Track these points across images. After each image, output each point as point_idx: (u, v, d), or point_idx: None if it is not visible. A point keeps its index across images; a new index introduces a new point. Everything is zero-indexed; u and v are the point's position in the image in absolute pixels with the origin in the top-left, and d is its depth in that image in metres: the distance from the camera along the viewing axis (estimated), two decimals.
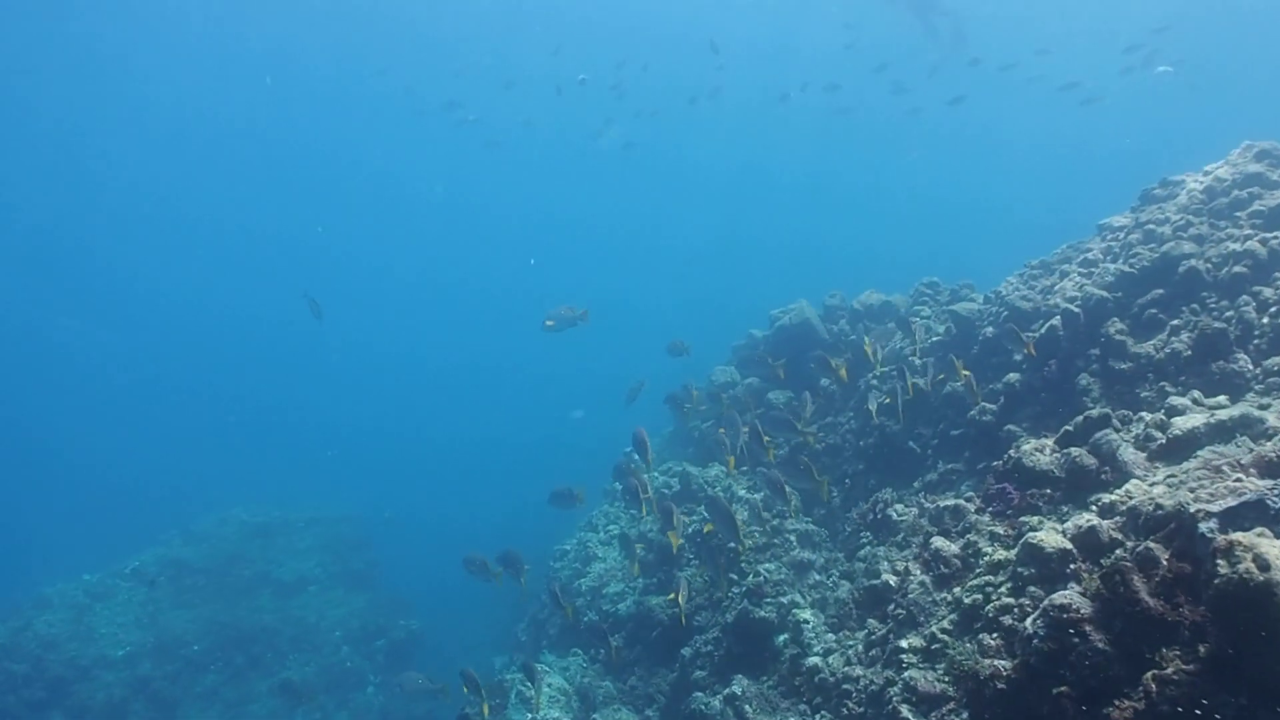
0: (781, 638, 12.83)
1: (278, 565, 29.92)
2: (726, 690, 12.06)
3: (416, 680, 16.08)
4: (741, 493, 15.39)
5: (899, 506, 13.14)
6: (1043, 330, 12.96)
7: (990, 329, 14.56)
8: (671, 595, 14.58)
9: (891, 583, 10.55)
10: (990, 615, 8.44)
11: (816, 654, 11.40)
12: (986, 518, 9.98)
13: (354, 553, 31.97)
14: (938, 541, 9.90)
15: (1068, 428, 10.04)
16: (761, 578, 13.45)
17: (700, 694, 13.02)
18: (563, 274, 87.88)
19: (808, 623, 12.12)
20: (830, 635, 11.69)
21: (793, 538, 14.42)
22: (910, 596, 9.68)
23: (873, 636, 10.30)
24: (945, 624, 9.03)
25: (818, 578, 13.84)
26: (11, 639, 24.40)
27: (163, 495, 43.92)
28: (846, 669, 10.44)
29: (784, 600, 13.20)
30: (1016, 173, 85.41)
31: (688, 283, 78.15)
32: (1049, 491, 9.52)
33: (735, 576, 14.05)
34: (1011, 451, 10.19)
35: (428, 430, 61.53)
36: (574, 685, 15.38)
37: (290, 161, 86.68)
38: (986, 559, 9.14)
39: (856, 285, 19.87)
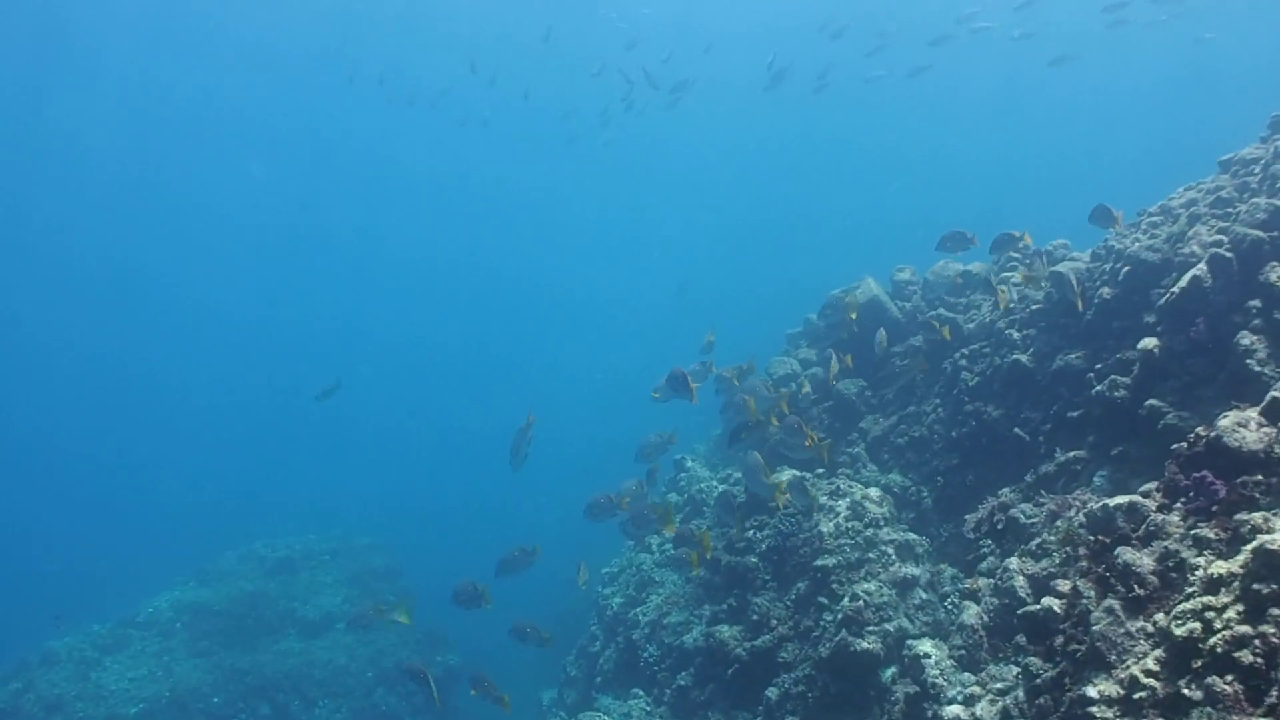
0: (889, 672, 10.64)
1: (302, 603, 27.74)
2: None
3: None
4: (823, 500, 13.08)
5: (1026, 507, 10.82)
6: (1184, 284, 10.65)
7: (1107, 289, 12.25)
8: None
9: (1056, 608, 8.19)
10: (1218, 650, 6.20)
11: (955, 701, 9.02)
12: (1177, 517, 7.69)
13: (383, 584, 29.78)
14: (1126, 553, 7.55)
15: (1276, 394, 7.74)
16: (861, 601, 11.22)
17: None
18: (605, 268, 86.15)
19: (929, 657, 9.84)
20: (967, 675, 9.36)
21: (890, 550, 12.14)
22: (1097, 628, 7.34)
23: (1037, 680, 7.95)
24: (1150, 663, 6.76)
25: (924, 596, 11.59)
26: (11, 702, 22.33)
27: (176, 532, 42.21)
28: None
29: (890, 628, 10.99)
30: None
31: (737, 270, 76.13)
32: (1263, 479, 7.26)
33: (826, 600, 11.83)
34: (1202, 430, 7.91)
35: (453, 440, 59.95)
36: None
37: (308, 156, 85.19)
38: (1199, 573, 6.87)
39: (916, 260, 17.81)
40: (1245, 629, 6.15)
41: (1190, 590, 6.87)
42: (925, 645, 9.97)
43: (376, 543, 31.59)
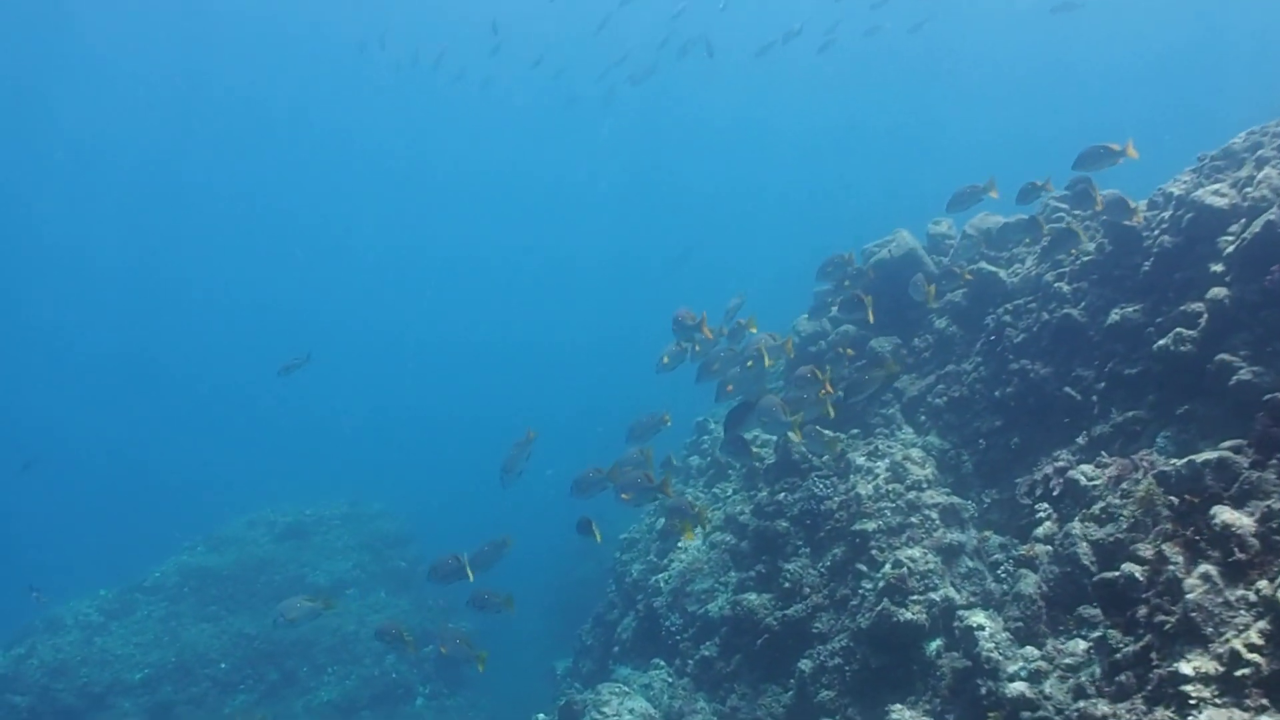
0: (933, 645, 9.91)
1: (312, 569, 27.17)
2: None
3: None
4: (860, 461, 12.30)
5: (1086, 469, 10.01)
6: (1256, 230, 9.84)
7: (1167, 238, 11.43)
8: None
9: (1138, 575, 7.40)
10: None
11: (1018, 678, 8.20)
12: (1273, 475, 6.92)
13: (395, 550, 29.19)
14: (1224, 514, 6.75)
15: None
16: (904, 568, 10.46)
17: None
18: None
19: (982, 629, 9.04)
20: (1029, 649, 8.56)
21: (934, 514, 11.36)
22: (1191, 596, 6.57)
23: (1117, 655, 7.19)
24: (1253, 636, 6.01)
25: (970, 565, 10.83)
26: (13, 668, 21.76)
27: (186, 500, 41.63)
28: (1083, 705, 7.33)
29: (935, 597, 10.24)
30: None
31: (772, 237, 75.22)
32: None
33: (864, 567, 11.08)
34: None
35: (460, 412, 59.50)
36: (660, 708, 12.43)
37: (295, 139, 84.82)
38: None
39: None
40: None
41: None
42: (978, 616, 9.19)
43: (388, 509, 30.97)
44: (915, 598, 10.25)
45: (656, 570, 15.43)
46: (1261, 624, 6.07)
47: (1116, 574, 7.64)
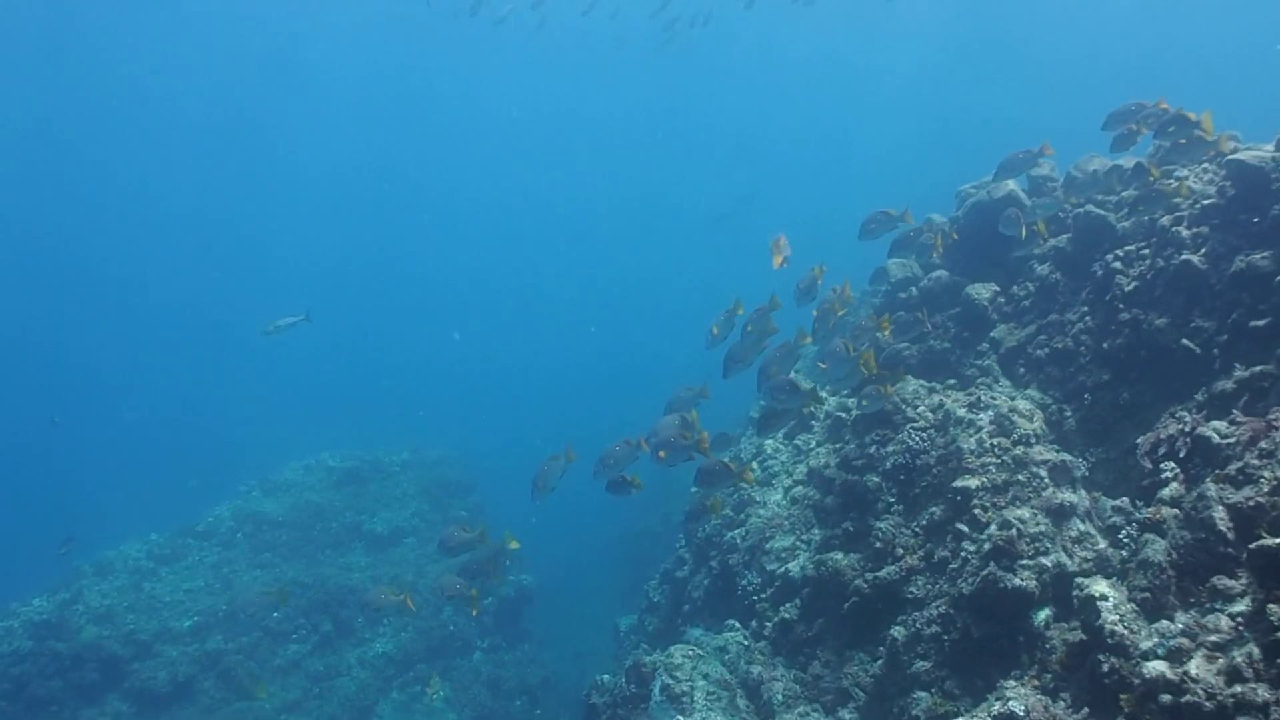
0: (1042, 614, 9.08)
1: (370, 516, 26.73)
2: (997, 708, 8.21)
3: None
4: (961, 413, 11.38)
5: (1219, 426, 9.07)
6: None
7: None
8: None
9: None
10: None
11: (1155, 656, 7.28)
12: None
13: (455, 498, 28.77)
14: None
15: None
16: (1014, 529, 9.58)
17: (925, 694, 9.33)
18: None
19: (1105, 599, 8.10)
20: (1164, 623, 7.63)
21: (1043, 472, 10.44)
22: None
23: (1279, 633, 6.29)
24: None
25: (1081, 528, 9.92)
26: (58, 614, 21.31)
27: (244, 444, 41.37)
28: (1240, 690, 6.43)
29: (1046, 562, 9.37)
30: None
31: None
32: None
33: (966, 528, 10.21)
34: None
35: (523, 360, 59.32)
36: (737, 674, 11.62)
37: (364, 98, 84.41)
38: None
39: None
40: None
41: None
42: (1100, 585, 8.25)
43: (449, 455, 30.43)
44: (1025, 562, 9.37)
45: (732, 525, 14.59)
46: None
47: (1275, 542, 6.72)
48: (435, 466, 29.48)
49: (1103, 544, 9.64)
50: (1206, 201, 11.62)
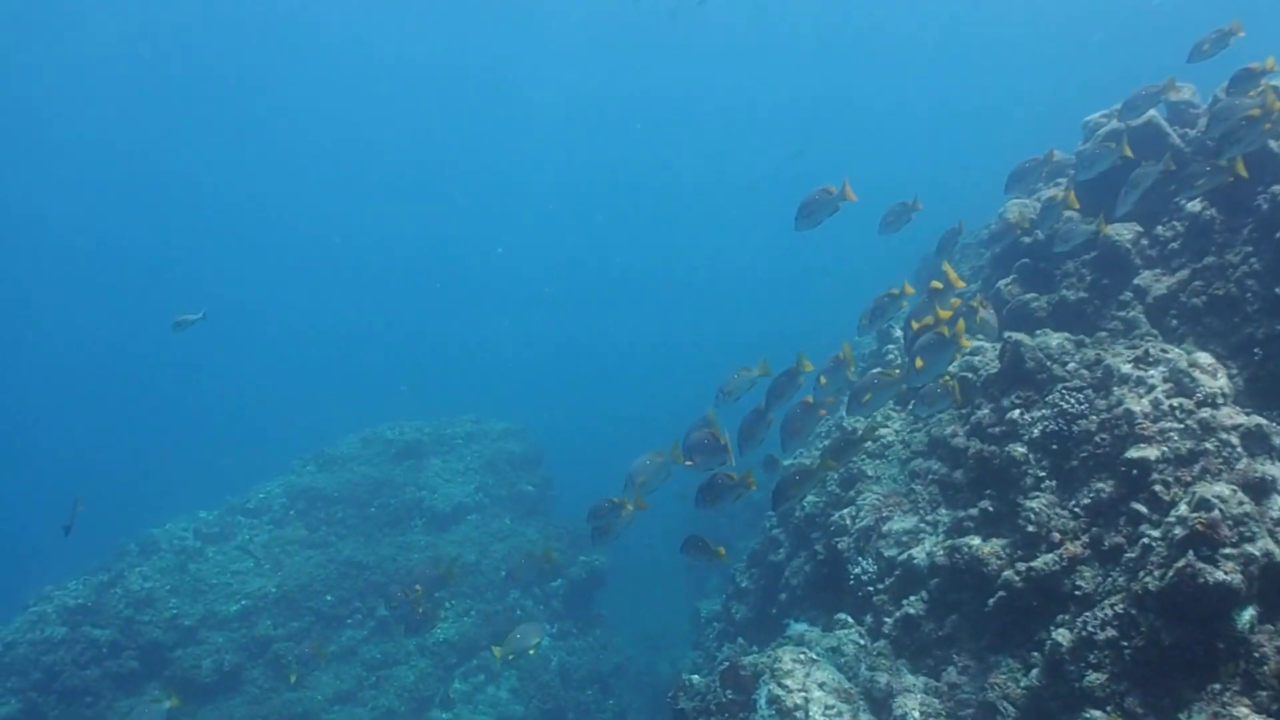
0: (1246, 615, 7.17)
1: (430, 492, 25.12)
2: None
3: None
4: (1125, 369, 9.40)
5: None
6: None
7: None
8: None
9: None
10: None
11: None
12: None
13: (521, 473, 27.09)
14: None
15: None
16: (1215, 510, 7.62)
17: (1099, 713, 7.50)
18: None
19: None
20: None
21: (1234, 438, 8.47)
22: None
23: None
24: None
25: None
26: (95, 598, 19.93)
27: (300, 418, 40.24)
28: None
29: (1254, 550, 7.42)
30: None
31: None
32: None
33: (1144, 508, 8.27)
34: None
35: (596, 334, 58.50)
36: (857, 681, 9.71)
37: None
38: None
39: None
40: None
41: None
42: None
43: (513, 428, 28.81)
44: (1228, 550, 7.43)
45: (839, 504, 12.62)
46: None
47: None
48: (499, 439, 27.96)
49: None
50: None
